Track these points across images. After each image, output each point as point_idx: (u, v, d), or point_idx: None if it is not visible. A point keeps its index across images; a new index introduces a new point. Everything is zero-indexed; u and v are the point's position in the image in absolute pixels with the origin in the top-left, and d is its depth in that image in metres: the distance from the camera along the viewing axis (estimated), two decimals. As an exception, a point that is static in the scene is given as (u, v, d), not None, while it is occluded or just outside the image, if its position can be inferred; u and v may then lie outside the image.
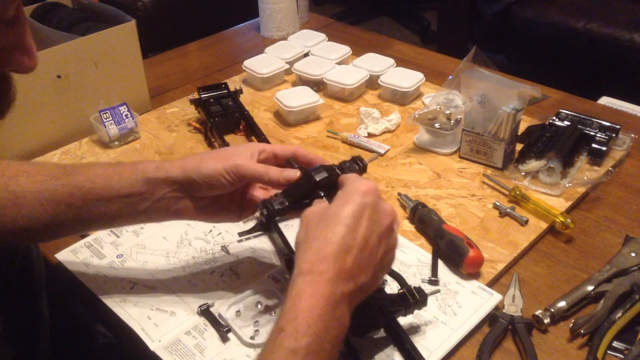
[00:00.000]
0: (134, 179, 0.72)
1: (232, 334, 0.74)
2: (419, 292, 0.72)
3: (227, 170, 0.71)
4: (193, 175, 0.72)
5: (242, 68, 1.31)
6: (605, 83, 2.11)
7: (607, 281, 0.80)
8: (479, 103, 1.00)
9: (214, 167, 0.71)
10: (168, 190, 0.73)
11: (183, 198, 0.73)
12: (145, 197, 0.72)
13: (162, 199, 0.73)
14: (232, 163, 0.71)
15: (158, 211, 0.74)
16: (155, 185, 0.72)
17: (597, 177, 0.98)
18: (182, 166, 0.72)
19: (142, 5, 2.19)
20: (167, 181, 0.72)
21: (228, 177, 0.71)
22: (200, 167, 0.72)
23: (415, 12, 3.47)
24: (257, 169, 0.72)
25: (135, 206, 0.73)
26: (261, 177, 0.72)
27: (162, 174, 0.72)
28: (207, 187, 0.72)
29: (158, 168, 0.73)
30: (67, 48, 1.09)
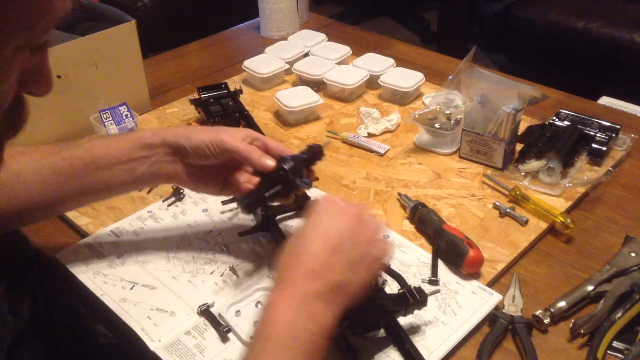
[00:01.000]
0: (132, 146, 0.78)
1: (232, 334, 0.74)
2: (419, 292, 0.72)
3: (212, 142, 0.78)
4: (183, 142, 0.78)
5: (242, 68, 1.31)
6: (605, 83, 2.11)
7: (607, 281, 0.80)
8: (479, 103, 1.00)
9: (201, 137, 0.78)
10: (162, 153, 0.79)
11: (174, 162, 0.80)
12: (142, 161, 0.79)
13: (156, 162, 0.79)
14: (217, 137, 0.78)
15: (152, 175, 0.80)
16: (152, 149, 0.79)
17: (597, 177, 0.98)
18: (175, 133, 0.80)
19: (142, 5, 2.19)
20: (162, 145, 0.79)
21: (212, 149, 0.78)
22: (189, 136, 0.79)
23: (415, 12, 3.47)
24: (239, 146, 0.78)
25: (133, 171, 0.79)
26: (240, 154, 0.78)
27: (157, 139, 0.79)
28: (194, 156, 0.79)
29: (154, 134, 0.80)
30: (67, 48, 1.09)
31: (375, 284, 0.74)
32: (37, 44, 0.53)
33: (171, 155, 0.79)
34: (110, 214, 0.95)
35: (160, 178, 0.82)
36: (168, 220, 0.93)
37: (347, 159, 1.07)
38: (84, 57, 1.11)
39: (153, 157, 0.79)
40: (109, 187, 0.80)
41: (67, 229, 0.94)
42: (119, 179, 0.79)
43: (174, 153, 0.79)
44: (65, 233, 0.93)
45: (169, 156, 0.80)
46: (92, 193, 0.80)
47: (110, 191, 0.82)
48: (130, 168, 0.79)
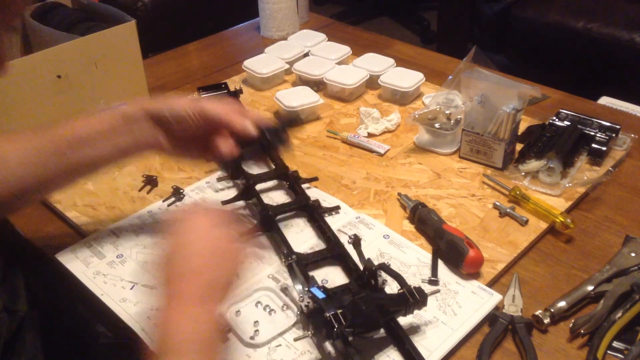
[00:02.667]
0: (113, 119, 0.79)
1: (232, 334, 0.74)
2: (419, 292, 0.72)
3: (192, 110, 0.79)
4: (164, 110, 0.80)
5: (242, 68, 1.31)
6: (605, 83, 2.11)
7: (607, 281, 0.80)
8: (479, 103, 1.00)
9: (182, 105, 0.80)
10: (144, 123, 0.80)
11: (155, 131, 0.81)
12: (125, 132, 0.80)
13: (138, 132, 0.80)
14: (199, 105, 0.80)
15: (136, 145, 0.81)
16: (134, 120, 0.80)
17: (597, 177, 0.98)
18: (154, 102, 0.81)
19: (142, 5, 2.19)
20: (143, 115, 0.80)
21: (193, 117, 0.79)
22: (170, 104, 0.80)
23: (415, 12, 3.47)
24: (221, 113, 0.80)
25: (117, 143, 0.80)
26: (222, 120, 0.80)
27: (138, 109, 0.80)
28: (175, 124, 0.80)
29: (133, 105, 0.81)
30: (67, 48, 1.09)
31: (375, 284, 0.74)
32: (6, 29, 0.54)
33: (152, 125, 0.81)
34: (110, 214, 0.95)
35: (144, 148, 0.83)
36: (168, 220, 0.93)
37: (347, 159, 1.07)
38: (84, 57, 1.11)
39: (135, 127, 0.80)
40: (95, 162, 0.81)
41: (67, 229, 0.94)
42: (104, 152, 0.80)
43: (155, 122, 0.80)
44: (65, 233, 0.93)
45: (150, 125, 0.81)
46: (80, 169, 0.81)
47: (97, 165, 0.82)
48: (114, 141, 0.80)
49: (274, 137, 0.84)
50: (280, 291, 0.80)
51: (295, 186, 0.96)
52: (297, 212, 0.93)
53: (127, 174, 1.04)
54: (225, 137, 0.81)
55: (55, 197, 0.98)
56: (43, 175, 0.77)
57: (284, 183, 1.00)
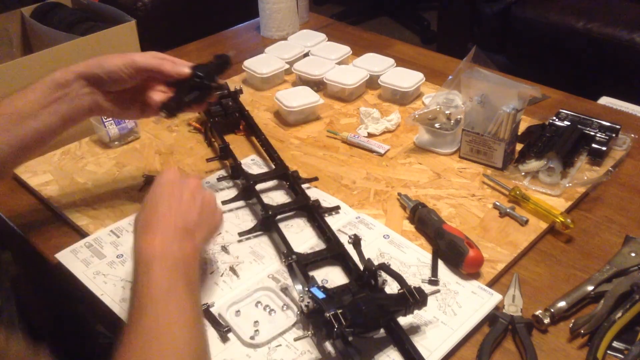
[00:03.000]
0: (46, 88, 0.82)
1: (232, 334, 0.74)
2: (419, 292, 0.72)
3: (124, 64, 0.83)
4: (97, 70, 0.83)
5: (242, 68, 1.31)
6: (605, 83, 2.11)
7: (607, 281, 0.80)
8: (479, 103, 1.00)
9: (114, 62, 0.83)
10: (79, 87, 0.83)
11: (92, 93, 0.84)
12: (62, 100, 0.82)
13: (75, 97, 0.83)
14: (129, 58, 0.83)
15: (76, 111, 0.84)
16: (67, 86, 0.82)
17: (597, 177, 0.98)
18: (86, 64, 0.83)
19: (142, 5, 2.19)
20: (75, 79, 0.82)
21: (126, 70, 0.83)
22: (102, 63, 0.83)
23: (415, 12, 3.47)
24: (152, 61, 0.84)
25: (58, 112, 0.82)
26: (155, 67, 0.84)
27: (69, 74, 0.82)
28: (110, 81, 0.84)
29: (65, 71, 0.83)
30: (67, 48, 1.09)
31: (375, 284, 0.74)
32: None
33: (88, 87, 0.83)
34: (110, 214, 0.95)
35: (84, 112, 0.85)
36: (168, 220, 0.93)
37: (347, 159, 1.07)
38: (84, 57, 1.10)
39: (71, 93, 0.82)
40: (42, 134, 0.82)
41: (67, 229, 0.94)
42: (47, 122, 0.82)
43: (90, 84, 0.83)
44: (65, 233, 0.93)
45: (86, 88, 0.83)
46: (30, 143, 0.82)
47: (44, 137, 0.84)
48: (54, 110, 0.82)
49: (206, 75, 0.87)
50: (280, 291, 0.80)
51: (295, 186, 0.96)
52: (297, 212, 0.93)
53: (127, 174, 1.04)
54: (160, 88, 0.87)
55: (56, 197, 0.98)
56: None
57: (284, 183, 1.00)
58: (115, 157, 1.09)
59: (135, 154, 1.10)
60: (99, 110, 0.87)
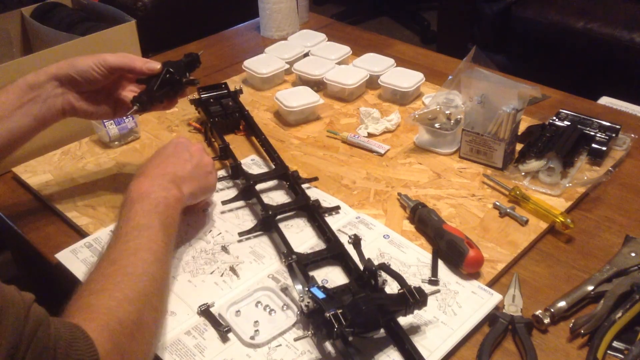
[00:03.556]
0: (19, 90, 0.83)
1: (232, 334, 0.74)
2: (419, 292, 0.72)
3: (96, 64, 0.85)
4: (69, 71, 0.84)
5: (242, 68, 1.31)
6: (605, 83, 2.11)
7: (607, 281, 0.80)
8: (479, 103, 1.00)
9: (86, 62, 0.85)
10: (51, 88, 0.84)
11: (65, 94, 0.86)
12: (35, 101, 0.84)
13: (48, 98, 0.84)
14: (101, 57, 0.85)
15: (49, 112, 0.85)
16: (39, 87, 0.84)
17: (597, 177, 0.98)
18: (57, 66, 0.85)
19: (142, 5, 2.19)
20: (47, 81, 0.84)
21: (98, 69, 0.85)
22: (73, 63, 0.85)
23: (415, 12, 3.47)
24: (123, 59, 0.86)
25: (30, 113, 0.83)
26: (126, 65, 0.86)
27: (41, 76, 0.84)
28: (82, 81, 0.85)
29: (37, 73, 0.84)
30: (67, 48, 1.09)
31: (375, 284, 0.74)
32: None
33: (60, 88, 0.85)
34: (110, 214, 0.95)
35: (56, 113, 0.86)
36: (168, 220, 0.93)
37: (347, 159, 1.07)
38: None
39: (43, 94, 0.84)
40: (16, 135, 0.84)
41: (67, 229, 0.94)
42: (21, 124, 0.83)
43: (62, 84, 0.85)
44: (65, 233, 0.93)
45: (58, 89, 0.85)
46: (4, 145, 0.83)
47: (18, 139, 0.85)
48: (26, 111, 0.83)
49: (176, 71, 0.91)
50: (280, 291, 0.80)
51: (295, 186, 0.96)
52: (297, 212, 0.93)
53: (127, 174, 1.04)
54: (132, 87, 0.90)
55: (56, 197, 0.98)
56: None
57: (284, 183, 1.00)
58: (115, 157, 1.09)
59: (135, 154, 1.10)
60: (72, 111, 0.88)
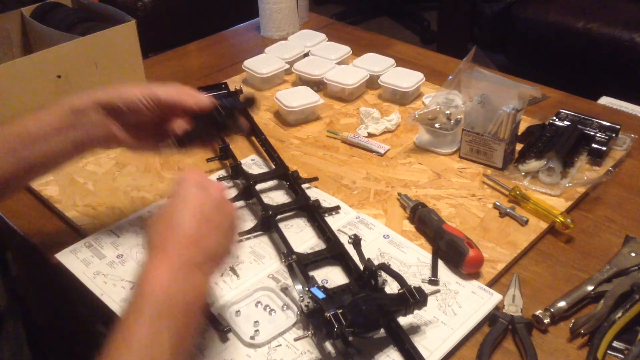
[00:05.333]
0: (62, 112, 0.77)
1: (232, 334, 0.74)
2: (419, 292, 0.72)
3: (144, 96, 0.78)
4: (115, 99, 0.78)
5: (242, 68, 1.31)
6: (605, 83, 2.11)
7: (607, 281, 0.80)
8: (479, 103, 1.00)
9: (133, 92, 0.78)
10: (94, 115, 0.78)
11: (108, 124, 0.79)
12: (76, 127, 0.78)
13: (91, 125, 0.79)
14: (150, 90, 0.79)
15: (90, 140, 0.80)
16: (83, 113, 0.78)
17: (597, 177, 0.98)
18: (105, 92, 0.79)
19: (142, 5, 2.19)
20: (92, 107, 0.78)
21: (146, 102, 0.78)
22: (121, 92, 0.79)
23: (415, 12, 3.48)
24: (172, 94, 0.79)
25: (70, 138, 0.78)
26: (175, 100, 0.79)
27: (87, 101, 0.78)
28: (128, 112, 0.79)
29: (82, 97, 0.79)
30: (67, 48, 1.09)
31: (375, 284, 0.74)
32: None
33: (104, 116, 0.79)
34: (110, 214, 0.95)
35: (98, 141, 0.81)
36: (168, 220, 0.93)
37: (347, 159, 1.08)
38: (84, 57, 1.11)
39: (86, 120, 0.78)
40: (51, 158, 0.79)
41: (67, 229, 0.94)
42: (57, 148, 0.78)
43: (107, 113, 0.79)
44: (65, 233, 0.93)
45: (103, 117, 0.79)
46: (37, 167, 0.79)
47: (53, 162, 0.81)
48: (66, 135, 0.78)
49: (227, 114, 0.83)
50: (280, 291, 0.80)
51: (295, 186, 0.96)
52: (297, 212, 0.93)
53: (127, 174, 1.04)
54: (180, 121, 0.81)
55: (56, 197, 0.98)
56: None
57: (284, 183, 1.00)
58: (115, 157, 1.09)
59: (135, 154, 1.10)
60: (114, 141, 0.82)
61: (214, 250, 0.66)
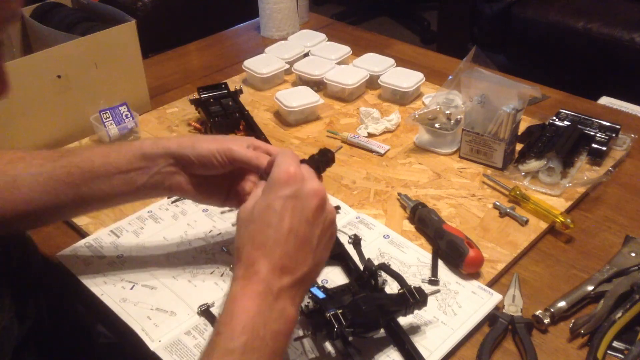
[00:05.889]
0: (131, 155, 0.75)
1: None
2: (419, 292, 0.72)
3: (219, 152, 0.74)
4: (187, 151, 0.75)
5: (242, 68, 1.31)
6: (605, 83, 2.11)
7: (607, 281, 0.80)
8: (479, 103, 1.00)
9: (208, 147, 0.74)
10: (164, 164, 0.75)
11: (176, 174, 0.76)
12: (143, 172, 0.75)
13: (157, 173, 0.76)
14: (226, 146, 0.74)
15: (153, 186, 0.76)
16: (153, 160, 0.75)
17: (597, 177, 0.98)
18: (178, 142, 0.76)
19: (142, 5, 2.19)
20: (163, 156, 0.75)
21: (219, 158, 0.74)
22: (195, 145, 0.75)
23: (415, 12, 3.47)
24: (249, 155, 0.74)
25: (133, 182, 0.75)
26: (250, 162, 0.74)
27: (159, 149, 0.75)
28: (199, 165, 0.75)
29: (155, 144, 0.76)
30: (67, 48, 1.09)
31: (375, 284, 0.74)
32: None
33: (173, 166, 0.76)
34: (110, 214, 0.95)
35: (162, 190, 0.78)
36: (168, 220, 0.93)
37: (347, 159, 1.07)
38: (84, 57, 1.11)
39: (154, 168, 0.76)
40: (108, 197, 0.77)
41: (67, 229, 0.94)
42: (118, 189, 0.76)
43: (177, 163, 0.76)
44: (65, 233, 0.93)
45: (171, 167, 0.76)
46: (91, 202, 0.77)
47: (108, 201, 0.79)
48: (130, 178, 0.75)
49: None
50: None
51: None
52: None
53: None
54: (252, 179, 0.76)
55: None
56: (52, 203, 0.74)
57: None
58: (115, 157, 1.08)
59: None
60: (180, 192, 0.78)
61: (305, 276, 0.62)
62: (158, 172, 0.76)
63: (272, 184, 0.63)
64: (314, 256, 0.63)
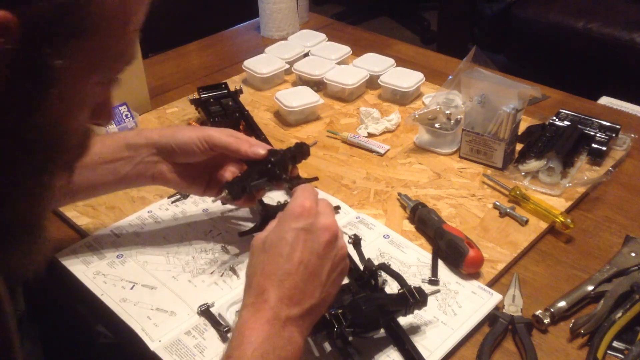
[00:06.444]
0: (116, 146, 0.79)
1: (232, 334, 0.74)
2: (419, 292, 0.72)
3: (199, 138, 0.78)
4: (169, 140, 0.79)
5: (242, 68, 1.31)
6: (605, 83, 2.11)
7: (607, 281, 0.80)
8: (479, 103, 1.00)
9: (189, 135, 0.79)
10: (147, 154, 0.80)
11: (159, 162, 0.81)
12: (126, 161, 0.80)
13: (141, 162, 0.80)
14: (206, 133, 0.79)
15: (137, 175, 0.81)
16: (136, 149, 0.80)
17: (597, 177, 0.98)
18: (159, 132, 0.81)
19: (142, 5, 2.19)
20: (146, 145, 0.80)
21: (200, 145, 0.78)
22: (175, 134, 0.80)
23: (415, 12, 3.47)
24: (228, 139, 0.79)
25: (118, 171, 0.80)
26: (229, 147, 0.79)
27: (141, 139, 0.80)
28: (181, 153, 0.79)
29: (138, 134, 0.81)
30: (67, 48, 1.09)
31: (375, 284, 0.74)
32: (112, 79, 0.54)
33: (156, 155, 0.80)
34: (110, 214, 0.95)
35: (145, 179, 0.82)
36: (168, 220, 0.93)
37: (347, 159, 1.07)
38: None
39: (137, 157, 0.80)
40: (93, 186, 0.80)
41: (67, 229, 0.94)
42: (103, 178, 0.80)
43: (159, 153, 0.80)
44: (65, 233, 0.93)
45: (154, 156, 0.80)
46: (77, 192, 0.80)
47: (94, 190, 0.82)
48: (114, 168, 0.79)
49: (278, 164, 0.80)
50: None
51: (295, 186, 0.96)
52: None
53: (127, 174, 1.04)
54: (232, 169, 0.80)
55: (55, 197, 0.98)
56: None
57: (284, 183, 1.00)
58: (115, 157, 1.09)
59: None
60: (162, 180, 0.82)
61: (312, 309, 0.62)
62: (141, 161, 0.80)
63: (286, 216, 0.64)
64: (322, 290, 0.63)
